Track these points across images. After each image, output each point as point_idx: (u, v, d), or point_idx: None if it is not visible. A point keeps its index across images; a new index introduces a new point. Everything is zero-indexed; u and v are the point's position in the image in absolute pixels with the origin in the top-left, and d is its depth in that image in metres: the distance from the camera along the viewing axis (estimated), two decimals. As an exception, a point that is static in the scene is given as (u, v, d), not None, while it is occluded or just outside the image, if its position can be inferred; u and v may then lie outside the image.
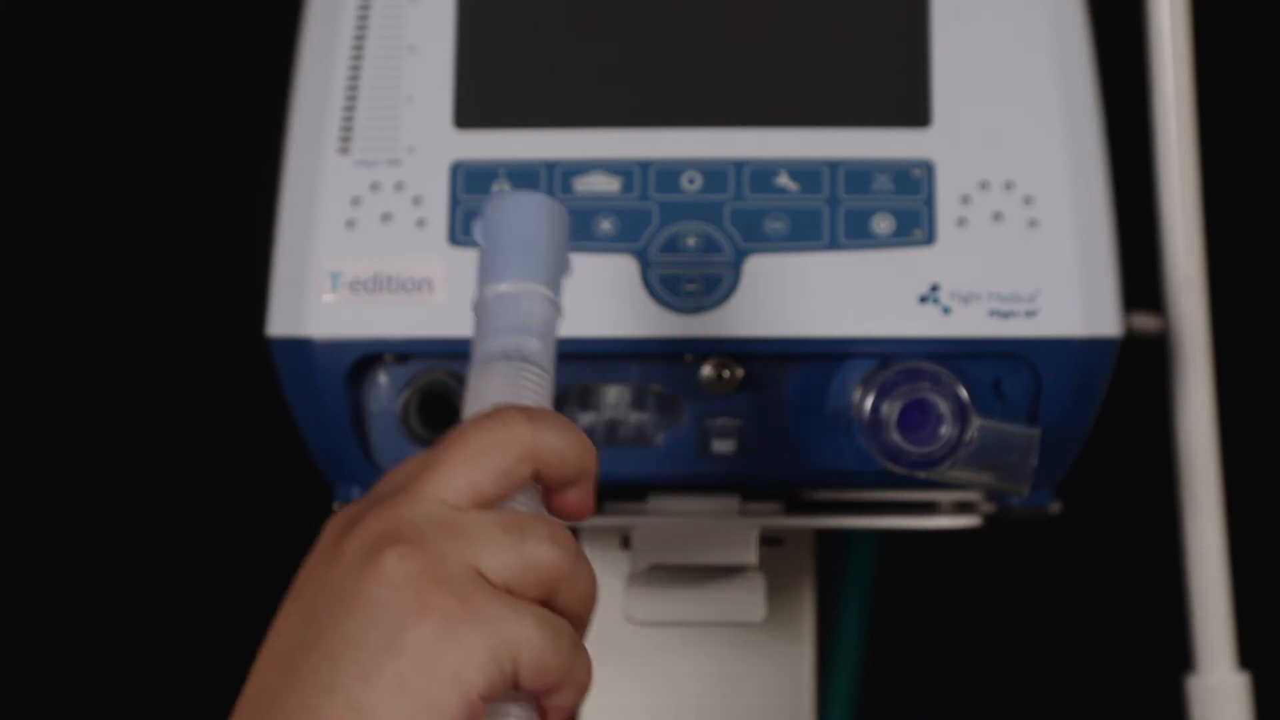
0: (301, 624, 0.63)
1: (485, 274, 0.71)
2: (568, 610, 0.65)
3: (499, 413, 0.66)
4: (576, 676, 0.64)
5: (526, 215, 0.72)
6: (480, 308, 0.70)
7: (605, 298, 0.83)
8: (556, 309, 0.71)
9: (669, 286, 0.83)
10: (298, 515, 0.96)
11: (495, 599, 0.62)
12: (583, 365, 0.84)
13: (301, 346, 0.84)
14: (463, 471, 0.64)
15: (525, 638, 0.62)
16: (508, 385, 0.68)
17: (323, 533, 0.66)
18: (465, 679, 0.61)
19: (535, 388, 0.69)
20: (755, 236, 0.84)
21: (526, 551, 0.64)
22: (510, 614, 0.62)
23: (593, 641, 0.99)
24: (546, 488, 0.67)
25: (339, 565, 0.63)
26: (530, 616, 0.63)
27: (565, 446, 0.66)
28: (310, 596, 0.64)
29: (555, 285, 0.71)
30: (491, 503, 0.65)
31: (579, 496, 0.68)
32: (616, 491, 0.89)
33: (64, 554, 1.65)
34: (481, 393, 0.68)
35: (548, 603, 0.64)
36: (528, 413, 0.66)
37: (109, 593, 1.63)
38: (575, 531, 0.98)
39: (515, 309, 0.70)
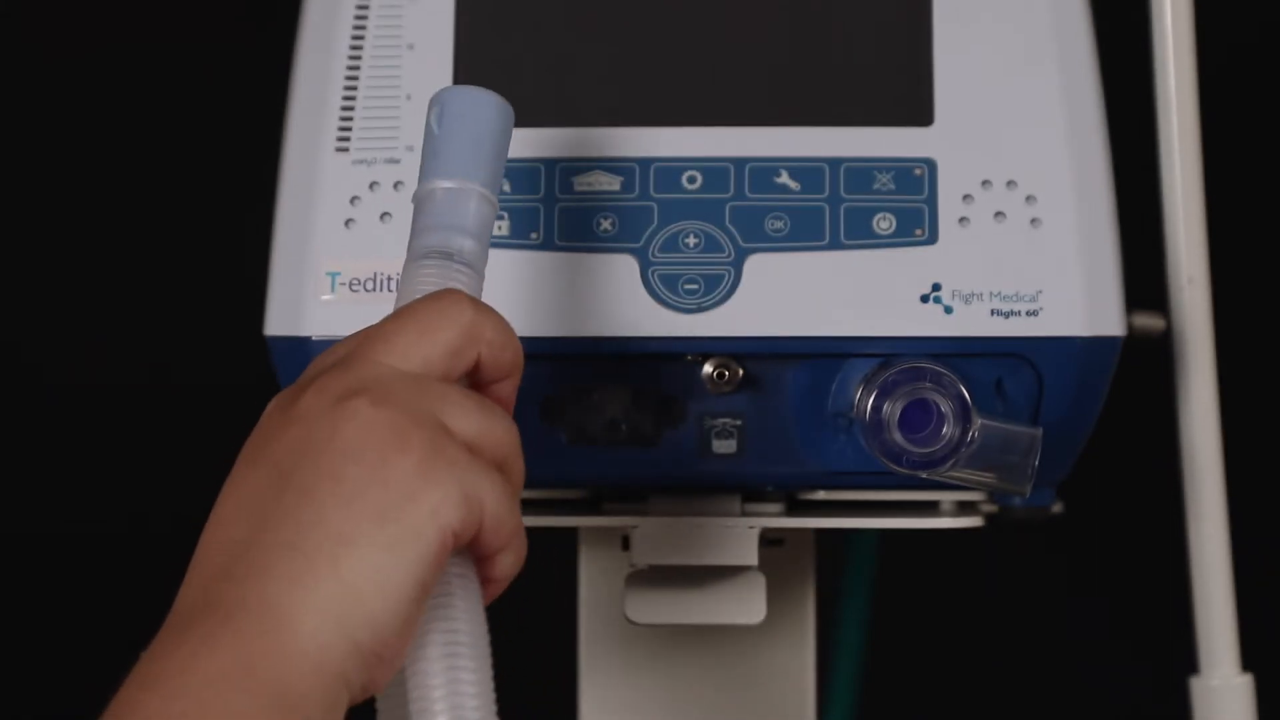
0: (266, 479, 0.63)
1: (431, 166, 0.72)
2: (511, 484, 0.66)
3: (448, 292, 0.67)
4: (521, 540, 0.66)
5: (480, 114, 0.73)
6: (422, 200, 0.71)
7: (605, 298, 0.83)
8: (495, 210, 0.72)
9: (669, 286, 0.83)
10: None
11: (465, 451, 0.64)
12: (583, 365, 0.84)
13: (300, 346, 0.84)
14: (416, 343, 0.65)
15: (490, 489, 0.64)
16: (440, 283, 0.69)
17: (265, 413, 0.66)
18: (443, 514, 0.62)
19: (466, 289, 0.69)
20: (756, 236, 0.83)
21: (486, 420, 0.65)
22: (478, 466, 0.64)
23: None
24: (478, 383, 0.68)
25: (300, 423, 0.63)
26: (494, 472, 0.64)
27: (503, 336, 0.68)
28: (271, 455, 0.63)
29: (496, 188, 0.73)
30: (441, 379, 0.66)
31: (507, 393, 0.69)
32: (617, 492, 0.89)
33: (63, 556, 1.65)
34: (414, 287, 0.69)
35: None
36: (472, 298, 0.67)
37: (106, 595, 1.63)
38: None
39: (457, 207, 0.71)
